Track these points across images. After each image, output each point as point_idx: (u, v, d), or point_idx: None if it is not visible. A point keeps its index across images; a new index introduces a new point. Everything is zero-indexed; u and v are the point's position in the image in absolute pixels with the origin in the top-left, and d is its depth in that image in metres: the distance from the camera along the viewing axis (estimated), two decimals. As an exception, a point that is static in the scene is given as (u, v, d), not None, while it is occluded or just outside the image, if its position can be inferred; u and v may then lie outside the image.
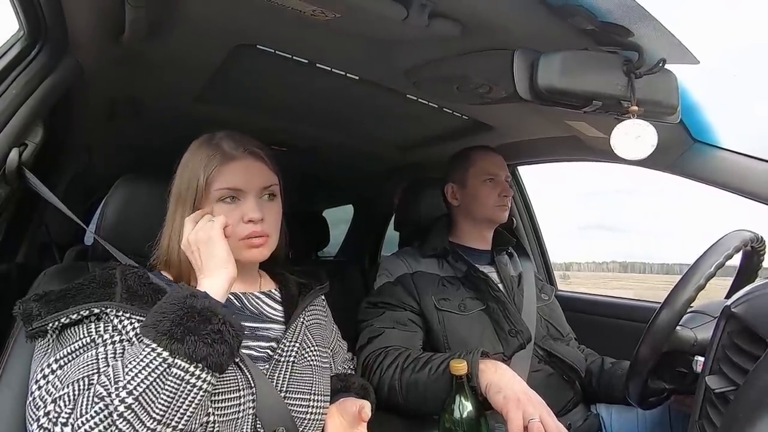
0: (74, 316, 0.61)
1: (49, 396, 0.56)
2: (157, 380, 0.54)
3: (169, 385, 0.54)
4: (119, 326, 0.62)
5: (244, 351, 0.70)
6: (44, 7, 0.71)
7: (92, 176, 1.69)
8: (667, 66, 0.66)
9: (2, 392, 0.69)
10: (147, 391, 0.53)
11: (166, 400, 0.54)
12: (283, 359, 0.73)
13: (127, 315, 0.63)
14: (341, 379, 0.85)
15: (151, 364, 0.54)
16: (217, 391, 0.63)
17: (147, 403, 0.53)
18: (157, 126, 1.28)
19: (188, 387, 0.55)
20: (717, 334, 0.61)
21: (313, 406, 0.72)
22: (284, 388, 0.71)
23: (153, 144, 1.42)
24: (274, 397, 0.68)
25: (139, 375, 0.54)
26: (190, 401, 0.55)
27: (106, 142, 1.43)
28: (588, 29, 0.64)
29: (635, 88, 0.65)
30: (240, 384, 0.66)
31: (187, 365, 0.55)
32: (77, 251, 1.36)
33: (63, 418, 0.53)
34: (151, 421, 0.53)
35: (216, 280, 0.64)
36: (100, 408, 0.52)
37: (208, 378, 0.57)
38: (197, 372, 0.55)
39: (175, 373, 0.54)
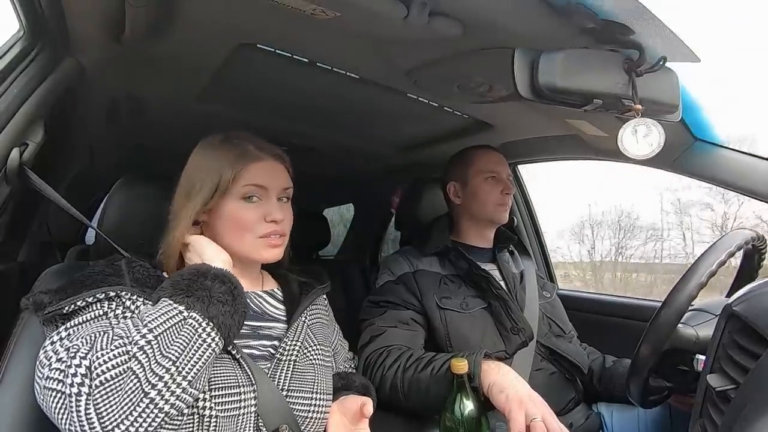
0: (90, 299, 0.62)
1: (62, 347, 0.57)
2: (174, 327, 0.58)
3: (184, 333, 0.58)
4: (132, 306, 0.64)
5: (245, 350, 0.70)
6: (44, 7, 0.71)
7: (93, 176, 1.69)
8: (668, 64, 0.66)
9: (4, 391, 0.69)
10: (165, 333, 0.57)
11: (180, 345, 0.57)
12: (285, 358, 0.73)
13: (141, 299, 0.65)
14: (342, 377, 0.85)
15: (168, 314, 0.59)
16: (216, 386, 0.64)
17: (164, 344, 0.56)
18: (158, 125, 1.28)
19: (200, 340, 0.58)
20: (718, 333, 0.61)
21: (315, 405, 0.72)
22: (286, 387, 0.71)
23: (154, 143, 1.42)
24: (275, 396, 0.69)
25: (158, 320, 0.58)
26: (200, 355, 0.58)
27: (107, 142, 1.43)
28: (589, 27, 0.64)
29: (636, 86, 0.65)
30: (240, 381, 0.66)
31: (200, 319, 0.59)
32: (78, 251, 1.36)
33: (82, 353, 0.55)
34: (166, 360, 0.56)
35: (216, 263, 0.67)
36: (120, 343, 0.56)
37: (216, 339, 0.60)
38: (208, 329, 0.59)
39: (191, 324, 0.59)
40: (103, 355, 0.54)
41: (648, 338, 0.74)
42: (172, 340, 0.57)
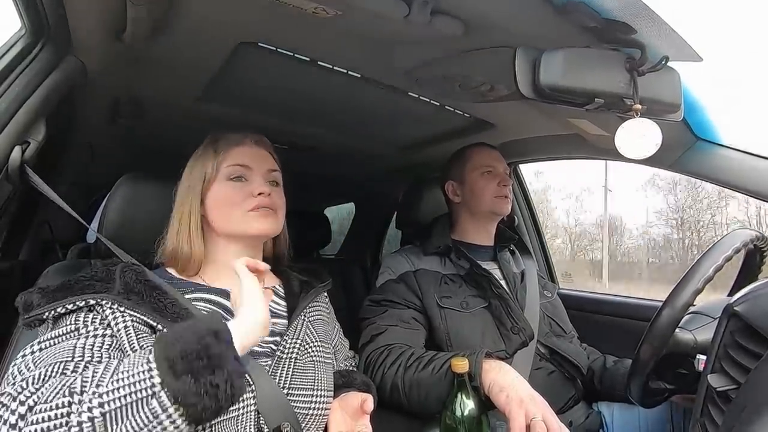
0: (70, 306, 0.61)
1: (20, 374, 0.55)
2: (133, 405, 0.49)
3: (140, 417, 0.49)
4: (109, 318, 0.62)
5: None
6: (46, 6, 0.71)
7: (94, 174, 1.69)
8: (670, 63, 0.66)
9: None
10: (118, 411, 0.49)
11: (131, 428, 0.49)
12: (285, 355, 0.73)
13: (121, 309, 0.63)
14: (343, 375, 0.85)
15: (137, 384, 0.50)
16: None
17: (111, 425, 0.49)
18: (159, 124, 1.28)
19: (158, 428, 0.50)
20: (719, 333, 0.61)
21: (316, 402, 0.73)
22: (287, 384, 0.71)
23: (155, 142, 1.42)
24: (276, 394, 0.69)
25: (120, 390, 0.50)
26: None
27: (108, 140, 1.43)
28: (590, 27, 0.64)
29: (638, 85, 0.65)
30: None
31: (168, 404, 0.49)
32: (80, 249, 1.36)
33: (24, 396, 0.50)
34: None
35: (247, 330, 0.60)
36: (64, 403, 0.49)
37: (182, 426, 0.51)
38: (174, 416, 0.50)
39: (153, 407, 0.49)
40: (45, 402, 0.49)
41: (646, 343, 0.74)
42: (125, 419, 0.49)
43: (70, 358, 0.57)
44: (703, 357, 0.72)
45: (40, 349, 0.58)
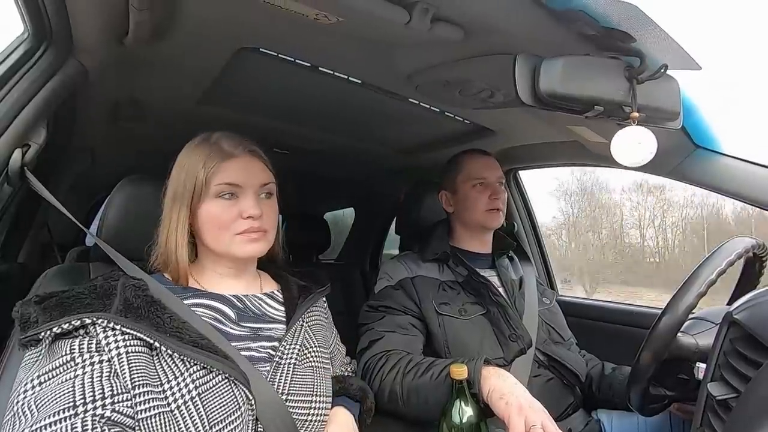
0: (66, 326, 0.60)
1: (25, 418, 0.54)
2: None
3: None
4: (103, 342, 0.60)
5: (244, 353, 0.70)
6: (49, 9, 0.71)
7: (95, 177, 1.69)
8: (668, 72, 0.66)
9: (4, 390, 0.69)
10: None
11: None
12: (284, 361, 0.73)
13: (118, 327, 0.61)
14: (339, 380, 0.84)
15: None
16: (215, 420, 0.62)
17: None
18: (159, 128, 1.28)
19: None
20: (719, 341, 0.61)
21: (315, 408, 0.72)
22: (286, 390, 0.70)
23: (155, 146, 1.42)
24: (274, 400, 0.68)
25: None
26: None
27: (109, 144, 1.43)
28: (590, 35, 0.64)
29: (637, 93, 0.65)
30: (239, 401, 0.65)
31: None
32: (79, 252, 1.36)
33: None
34: None
35: None
36: None
37: None
38: None
39: None
40: None
41: (648, 347, 0.73)
42: None
43: (71, 403, 0.55)
44: (702, 365, 0.72)
45: (40, 384, 0.57)
